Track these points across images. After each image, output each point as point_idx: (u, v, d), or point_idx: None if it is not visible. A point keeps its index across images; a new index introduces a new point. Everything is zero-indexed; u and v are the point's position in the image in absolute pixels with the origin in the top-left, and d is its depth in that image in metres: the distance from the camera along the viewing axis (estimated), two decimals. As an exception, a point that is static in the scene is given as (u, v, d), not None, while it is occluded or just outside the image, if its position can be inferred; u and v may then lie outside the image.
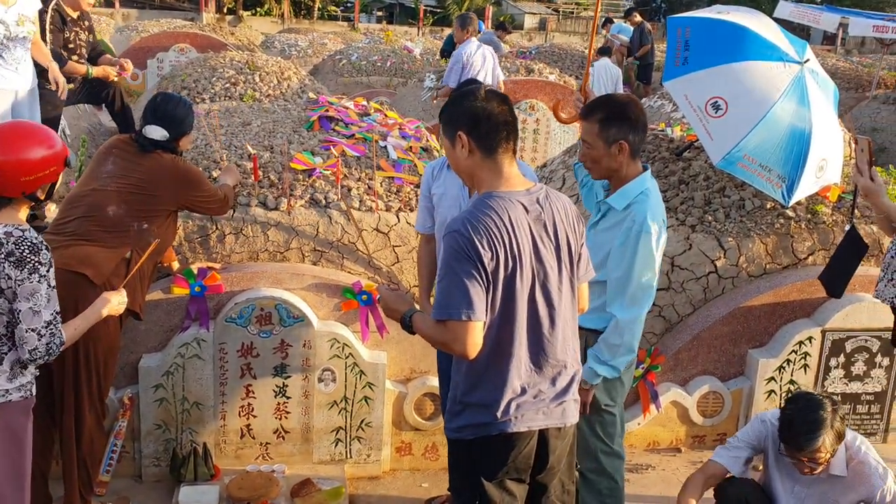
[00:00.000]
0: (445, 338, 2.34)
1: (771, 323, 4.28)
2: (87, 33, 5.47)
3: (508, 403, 2.40)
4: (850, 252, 3.64)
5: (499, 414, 2.40)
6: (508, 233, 2.32)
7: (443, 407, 3.33)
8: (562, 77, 10.12)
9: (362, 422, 3.89)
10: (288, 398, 3.83)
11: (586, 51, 14.08)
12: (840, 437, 3.00)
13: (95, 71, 5.34)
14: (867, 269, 4.33)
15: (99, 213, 3.31)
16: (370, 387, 3.84)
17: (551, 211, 2.44)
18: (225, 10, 27.38)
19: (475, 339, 2.31)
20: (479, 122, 2.39)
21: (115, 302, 3.01)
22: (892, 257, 3.53)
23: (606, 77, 10.30)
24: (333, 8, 35.06)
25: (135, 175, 3.40)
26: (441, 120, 2.51)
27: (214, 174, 4.14)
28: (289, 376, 3.80)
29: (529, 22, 35.32)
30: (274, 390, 3.82)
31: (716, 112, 4.22)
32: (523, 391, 2.42)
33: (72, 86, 5.23)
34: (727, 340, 4.28)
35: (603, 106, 3.01)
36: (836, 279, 3.69)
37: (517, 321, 2.38)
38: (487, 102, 2.41)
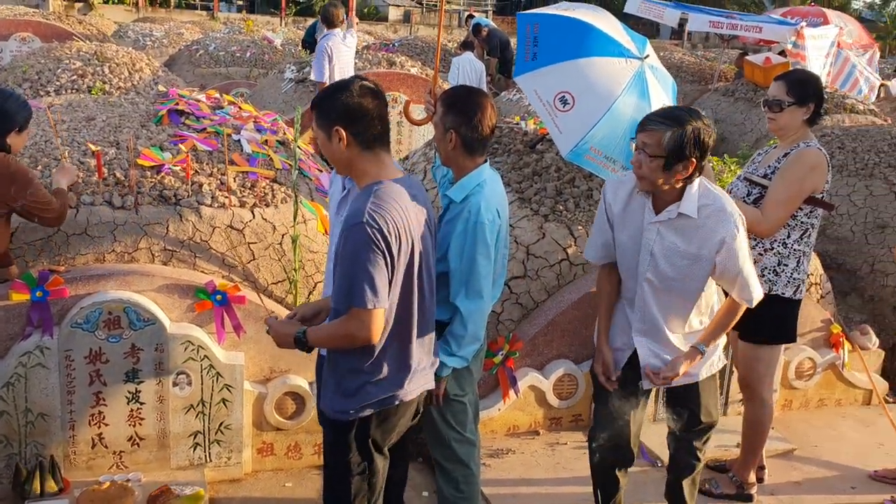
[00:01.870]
0: (350, 328, 2.49)
1: (619, 307, 4.50)
2: None
3: (409, 377, 2.68)
4: None
5: (403, 386, 2.67)
6: (406, 218, 2.52)
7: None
8: (424, 70, 10.19)
9: (221, 424, 3.81)
10: (141, 404, 3.70)
11: (446, 45, 14.24)
12: (684, 147, 2.77)
13: None
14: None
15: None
16: (228, 388, 3.76)
17: (423, 195, 2.69)
18: (74, -2, 25.90)
19: (379, 324, 2.50)
20: (356, 117, 2.54)
21: None
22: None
23: (471, 70, 10.39)
24: (191, -4, 33.81)
25: (-41, 174, 3.18)
26: (315, 113, 2.60)
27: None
28: (141, 381, 3.67)
29: (394, 14, 35.33)
30: (126, 396, 3.68)
31: (564, 106, 4.39)
32: (418, 363, 2.71)
33: None
34: (580, 324, 4.45)
35: (455, 94, 3.14)
36: None
37: (414, 299, 2.62)
38: (363, 98, 2.55)
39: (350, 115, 2.53)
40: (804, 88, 3.61)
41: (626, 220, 3.08)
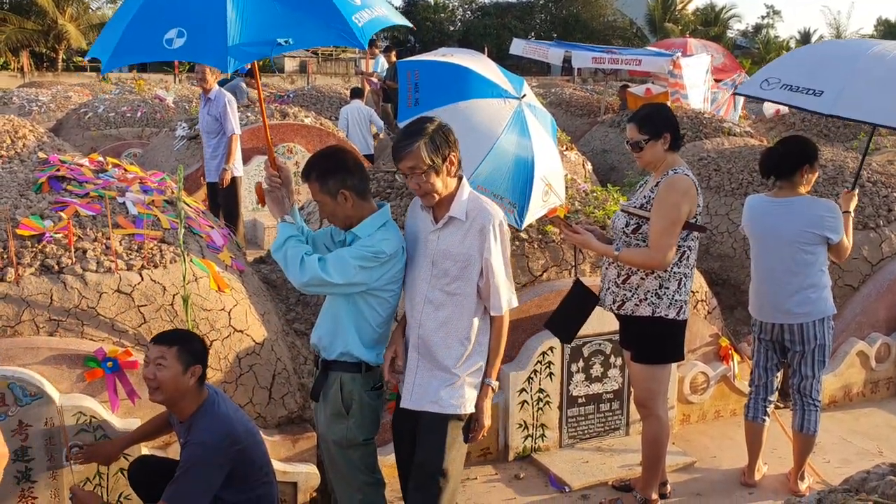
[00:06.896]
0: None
1: (516, 337, 4.60)
2: None
3: None
4: (578, 305, 3.94)
5: None
6: None
7: None
8: (318, 120, 10.26)
9: (121, 496, 3.69)
10: (33, 483, 3.56)
11: (344, 92, 14.34)
12: (439, 147, 3.09)
13: None
14: (595, 280, 4.78)
15: None
16: (125, 458, 3.66)
17: None
18: (-48, 66, 25.03)
19: None
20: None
21: None
22: (606, 268, 3.95)
23: (359, 117, 10.78)
24: (80, 59, 33.11)
25: None
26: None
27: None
28: (32, 459, 3.53)
29: (290, 65, 35.36)
30: (16, 476, 3.52)
31: (448, 147, 4.50)
32: None
33: None
34: (481, 360, 4.52)
35: (313, 165, 3.16)
36: (566, 327, 3.96)
37: None
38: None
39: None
40: (653, 122, 3.82)
41: (414, 237, 3.30)
